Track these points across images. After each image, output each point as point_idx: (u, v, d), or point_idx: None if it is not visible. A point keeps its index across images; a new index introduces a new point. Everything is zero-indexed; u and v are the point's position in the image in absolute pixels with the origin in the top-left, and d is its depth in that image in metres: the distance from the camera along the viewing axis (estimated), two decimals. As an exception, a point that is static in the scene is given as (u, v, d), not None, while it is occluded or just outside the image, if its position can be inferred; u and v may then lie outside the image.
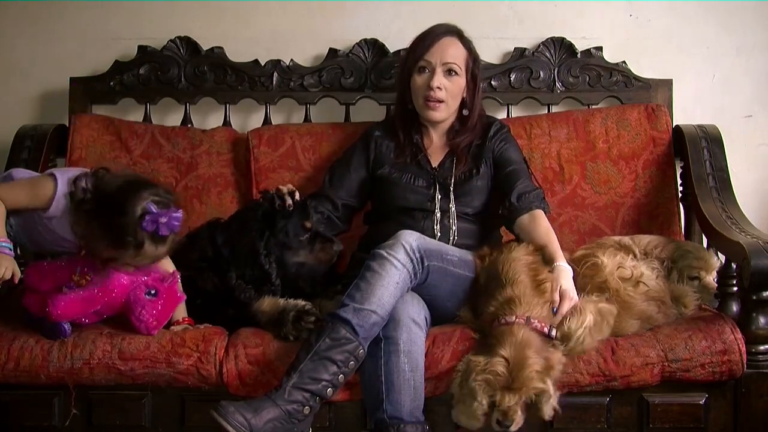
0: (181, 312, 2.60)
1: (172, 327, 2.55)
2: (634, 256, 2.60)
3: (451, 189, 2.73)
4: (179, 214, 2.39)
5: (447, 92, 2.73)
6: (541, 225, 2.60)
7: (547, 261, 2.49)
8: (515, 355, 2.22)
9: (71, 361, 2.38)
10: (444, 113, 2.76)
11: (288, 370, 2.28)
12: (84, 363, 2.38)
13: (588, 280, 2.46)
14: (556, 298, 2.38)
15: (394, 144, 2.82)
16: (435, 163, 2.80)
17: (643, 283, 2.47)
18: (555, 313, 2.36)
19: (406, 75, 2.78)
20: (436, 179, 2.76)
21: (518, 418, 2.23)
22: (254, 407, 2.20)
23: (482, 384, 2.21)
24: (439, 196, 2.73)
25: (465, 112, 2.80)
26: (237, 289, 2.56)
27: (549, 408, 2.23)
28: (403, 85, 2.82)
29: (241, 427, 2.16)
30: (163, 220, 2.35)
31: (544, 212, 2.65)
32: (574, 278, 2.46)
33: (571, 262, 2.52)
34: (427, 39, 2.76)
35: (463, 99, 2.79)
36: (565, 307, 2.36)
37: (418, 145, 2.81)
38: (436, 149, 2.83)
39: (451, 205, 2.71)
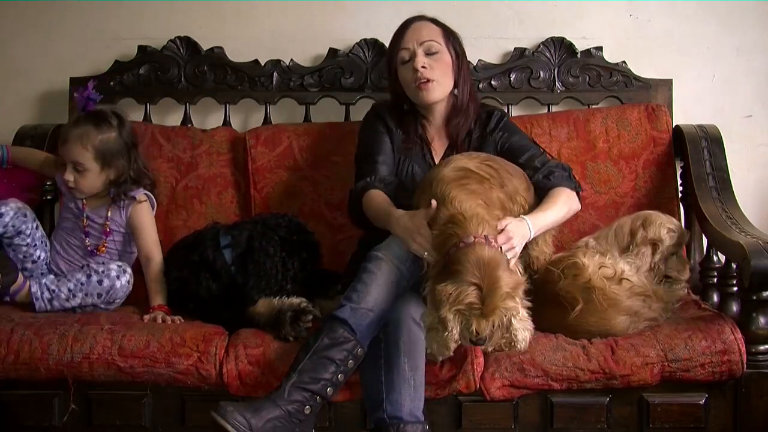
0: (157, 298, 2.65)
1: (145, 316, 2.59)
2: (612, 256, 2.59)
3: None
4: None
5: (434, 70, 2.70)
6: (549, 196, 2.59)
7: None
8: (485, 278, 2.17)
9: (71, 355, 2.39)
10: (438, 92, 2.73)
11: (288, 370, 2.29)
12: (84, 357, 2.39)
13: (571, 281, 2.46)
14: (502, 225, 2.35)
15: (401, 130, 2.79)
16: (437, 159, 2.78)
17: (626, 279, 2.48)
18: None
19: (394, 74, 2.78)
20: None
21: (490, 334, 2.19)
22: (254, 407, 2.20)
23: (456, 314, 2.18)
24: None
25: (456, 92, 2.77)
26: (246, 295, 2.59)
27: (520, 328, 2.21)
28: (394, 86, 2.81)
29: (240, 427, 2.16)
30: (85, 93, 2.73)
31: (576, 191, 2.66)
32: (558, 281, 2.47)
33: (549, 266, 2.53)
34: (400, 31, 2.77)
35: (455, 80, 2.76)
36: (500, 241, 2.32)
37: (423, 138, 2.79)
38: (437, 144, 2.81)
39: None
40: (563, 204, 2.60)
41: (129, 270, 2.69)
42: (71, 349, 2.39)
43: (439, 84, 2.71)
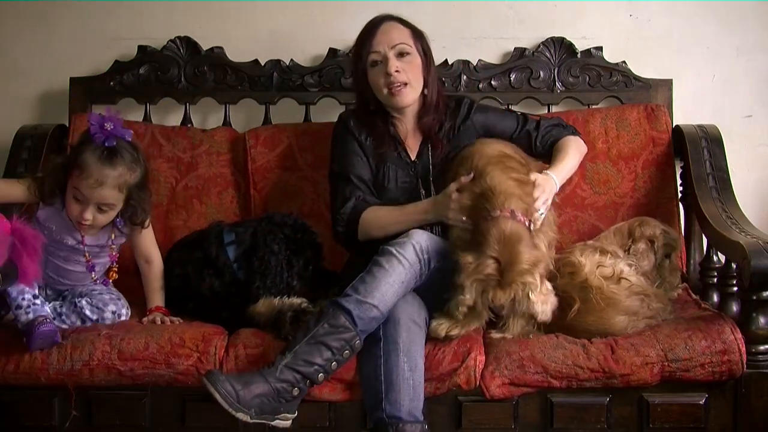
0: (155, 299, 2.63)
1: (144, 319, 2.58)
2: (612, 254, 2.60)
3: (431, 181, 2.73)
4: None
5: (407, 73, 2.69)
6: (558, 148, 2.73)
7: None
8: (504, 252, 2.27)
9: (71, 363, 2.38)
10: (411, 95, 2.72)
11: (283, 349, 2.31)
12: (84, 364, 2.38)
13: (567, 280, 2.47)
14: (537, 194, 2.47)
15: (372, 136, 2.77)
16: (413, 155, 2.78)
17: (625, 278, 2.48)
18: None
19: (362, 75, 2.75)
20: (418, 174, 2.74)
21: (509, 305, 2.30)
22: (245, 380, 2.23)
23: (473, 283, 2.27)
24: (423, 192, 2.72)
25: (426, 91, 2.76)
26: (251, 292, 2.59)
27: (539, 302, 2.28)
28: (361, 87, 2.78)
29: (228, 397, 2.19)
30: (109, 125, 2.49)
31: (576, 133, 2.81)
32: (554, 281, 2.47)
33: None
34: (369, 33, 2.73)
35: (425, 79, 2.75)
36: (536, 194, 2.46)
37: (395, 137, 2.78)
38: (411, 141, 2.79)
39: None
40: (575, 150, 2.74)
41: (125, 309, 2.60)
42: (71, 357, 2.38)
43: (412, 87, 2.71)
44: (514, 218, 2.33)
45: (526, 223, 2.36)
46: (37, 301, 2.43)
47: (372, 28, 2.74)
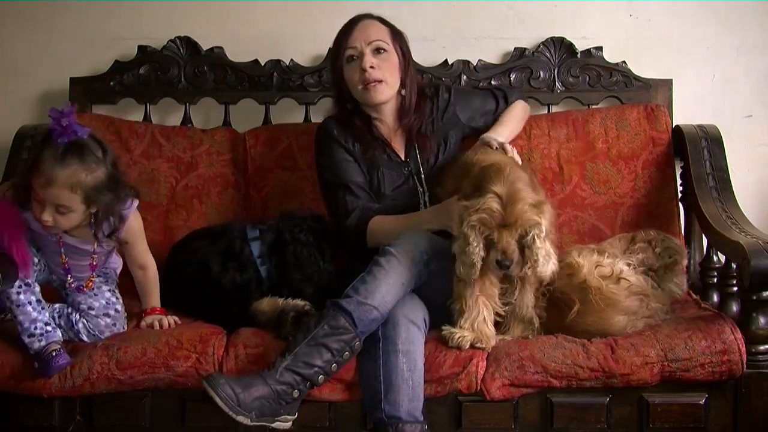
0: (151, 301, 2.61)
1: (141, 323, 2.57)
2: (610, 254, 2.60)
3: (423, 180, 2.74)
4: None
5: (382, 70, 2.70)
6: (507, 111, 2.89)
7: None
8: (507, 190, 2.23)
9: (72, 380, 2.37)
10: (386, 93, 2.72)
11: (283, 350, 2.31)
12: (84, 379, 2.37)
13: (566, 281, 2.46)
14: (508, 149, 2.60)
15: (357, 141, 2.77)
16: (402, 155, 2.79)
17: (625, 278, 2.48)
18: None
19: (339, 73, 2.75)
20: (412, 173, 2.75)
21: (516, 256, 2.24)
22: (245, 383, 2.23)
23: (476, 224, 2.22)
24: (421, 190, 2.74)
25: (403, 92, 2.77)
26: (297, 287, 2.62)
27: (543, 251, 2.24)
28: (338, 85, 2.79)
29: (228, 400, 2.20)
30: (65, 121, 2.31)
31: (521, 100, 2.94)
32: (553, 282, 2.47)
33: None
34: (347, 30, 2.75)
35: (402, 80, 2.76)
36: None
37: (380, 139, 2.78)
38: (396, 142, 2.80)
39: (425, 198, 2.73)
40: (520, 109, 2.91)
41: (121, 321, 2.56)
42: (71, 375, 2.37)
43: (387, 84, 2.71)
44: (515, 164, 2.32)
45: (530, 171, 2.37)
46: (49, 327, 2.41)
47: (350, 25, 2.76)
